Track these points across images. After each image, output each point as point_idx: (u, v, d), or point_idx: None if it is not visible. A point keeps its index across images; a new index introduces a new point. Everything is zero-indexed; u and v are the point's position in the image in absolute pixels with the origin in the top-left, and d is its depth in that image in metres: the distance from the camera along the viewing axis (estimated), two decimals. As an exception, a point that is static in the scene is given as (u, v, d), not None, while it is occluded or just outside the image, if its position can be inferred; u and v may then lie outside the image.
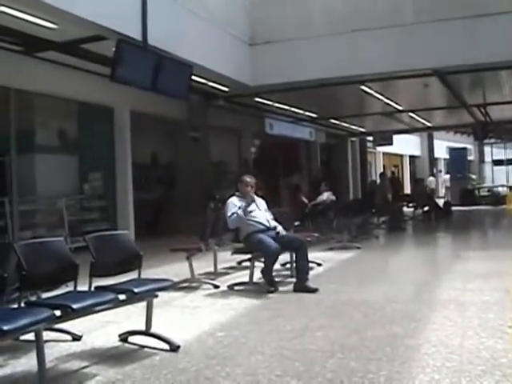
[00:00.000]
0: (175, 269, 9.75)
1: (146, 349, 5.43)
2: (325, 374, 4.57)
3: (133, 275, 5.85)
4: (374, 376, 4.48)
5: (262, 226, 8.44)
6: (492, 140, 33.13)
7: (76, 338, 5.78)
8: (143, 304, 5.63)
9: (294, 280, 8.44)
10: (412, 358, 4.93)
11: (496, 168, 38.10)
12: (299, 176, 25.69)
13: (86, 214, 14.80)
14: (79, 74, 13.39)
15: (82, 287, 5.38)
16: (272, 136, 22.74)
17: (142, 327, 5.67)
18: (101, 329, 6.18)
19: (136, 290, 5.21)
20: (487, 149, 39.56)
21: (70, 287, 5.47)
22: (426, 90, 17.97)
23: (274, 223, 8.75)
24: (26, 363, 5.05)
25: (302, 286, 8.12)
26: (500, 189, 33.22)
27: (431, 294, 7.80)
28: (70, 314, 4.61)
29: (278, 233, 8.55)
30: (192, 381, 4.54)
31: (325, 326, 6.09)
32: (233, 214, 8.35)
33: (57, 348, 5.52)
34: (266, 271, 8.29)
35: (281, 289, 8.29)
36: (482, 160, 40.78)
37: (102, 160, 15.51)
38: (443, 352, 5.01)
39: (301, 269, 8.33)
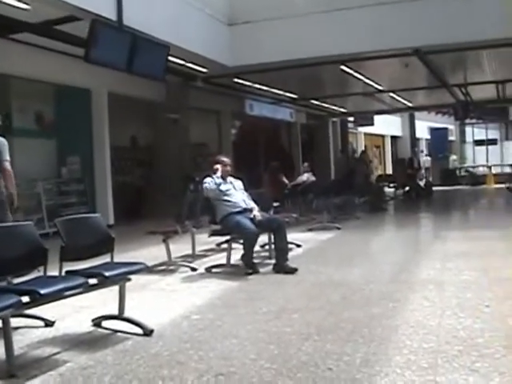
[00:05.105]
0: (154, 252, 9.65)
1: (119, 334, 5.34)
2: (299, 357, 4.49)
3: (108, 259, 5.75)
4: (349, 358, 4.41)
5: (238, 208, 8.35)
6: (473, 120, 33.13)
7: (48, 323, 5.66)
8: (119, 288, 5.53)
9: (272, 261, 8.39)
10: (389, 339, 4.87)
11: (477, 148, 38.19)
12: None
13: (63, 198, 14.62)
14: (55, 56, 13.16)
15: (55, 272, 5.27)
16: (252, 117, 22.64)
17: (117, 312, 5.56)
18: (75, 314, 6.07)
19: (107, 274, 5.10)
20: (468, 129, 39.59)
21: (41, 272, 5.36)
22: (406, 69, 17.87)
23: (251, 204, 8.67)
24: (-5, 350, 4.94)
25: (281, 267, 8.06)
26: (480, 169, 33.41)
27: (410, 274, 7.76)
28: (38, 299, 4.48)
29: (253, 216, 8.45)
30: (164, 365, 4.45)
31: (302, 308, 6.03)
32: (208, 183, 8.38)
33: (28, 334, 5.40)
34: (246, 255, 8.21)
35: (259, 270, 8.22)
36: (463, 140, 40.83)
37: (80, 143, 15.28)
38: (421, 333, 4.96)
39: (280, 250, 8.28)
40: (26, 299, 4.49)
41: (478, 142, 37.97)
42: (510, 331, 4.92)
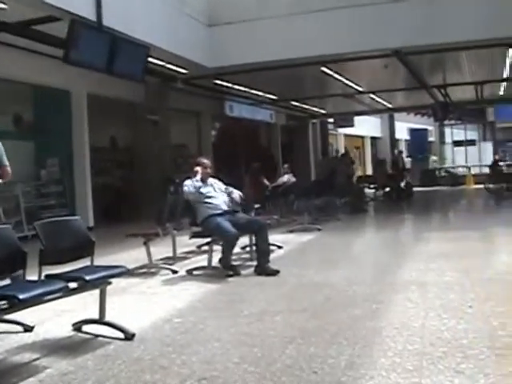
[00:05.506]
0: (134, 255, 9.53)
1: (100, 338, 5.24)
2: (284, 360, 4.44)
3: (88, 262, 5.65)
4: (334, 361, 4.37)
5: (219, 210, 8.28)
6: (452, 121, 33.32)
7: (28, 329, 5.55)
8: (100, 292, 5.44)
9: (254, 263, 8.33)
10: (373, 342, 4.83)
11: (456, 149, 38.39)
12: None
13: (43, 201, 14.49)
14: (34, 57, 12.99)
15: (34, 276, 5.17)
16: (232, 118, 22.61)
17: (98, 316, 5.47)
18: (54, 318, 5.95)
19: (87, 278, 5.00)
20: (447, 130, 39.80)
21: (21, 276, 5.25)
22: (386, 71, 17.91)
23: (230, 189, 8.66)
24: (-26, 357, 4.84)
25: (262, 269, 8.00)
26: (460, 169, 33.62)
27: (393, 275, 7.73)
28: (16, 304, 4.38)
29: (231, 199, 8.45)
30: (146, 370, 4.37)
31: (285, 310, 5.98)
32: (187, 186, 8.31)
33: (8, 340, 5.30)
34: (225, 258, 8.15)
35: (241, 272, 8.16)
36: (442, 141, 41.03)
37: (59, 145, 15.13)
38: (405, 334, 4.93)
39: (261, 251, 8.21)
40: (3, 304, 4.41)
41: (457, 143, 38.13)
42: (494, 331, 4.91)
